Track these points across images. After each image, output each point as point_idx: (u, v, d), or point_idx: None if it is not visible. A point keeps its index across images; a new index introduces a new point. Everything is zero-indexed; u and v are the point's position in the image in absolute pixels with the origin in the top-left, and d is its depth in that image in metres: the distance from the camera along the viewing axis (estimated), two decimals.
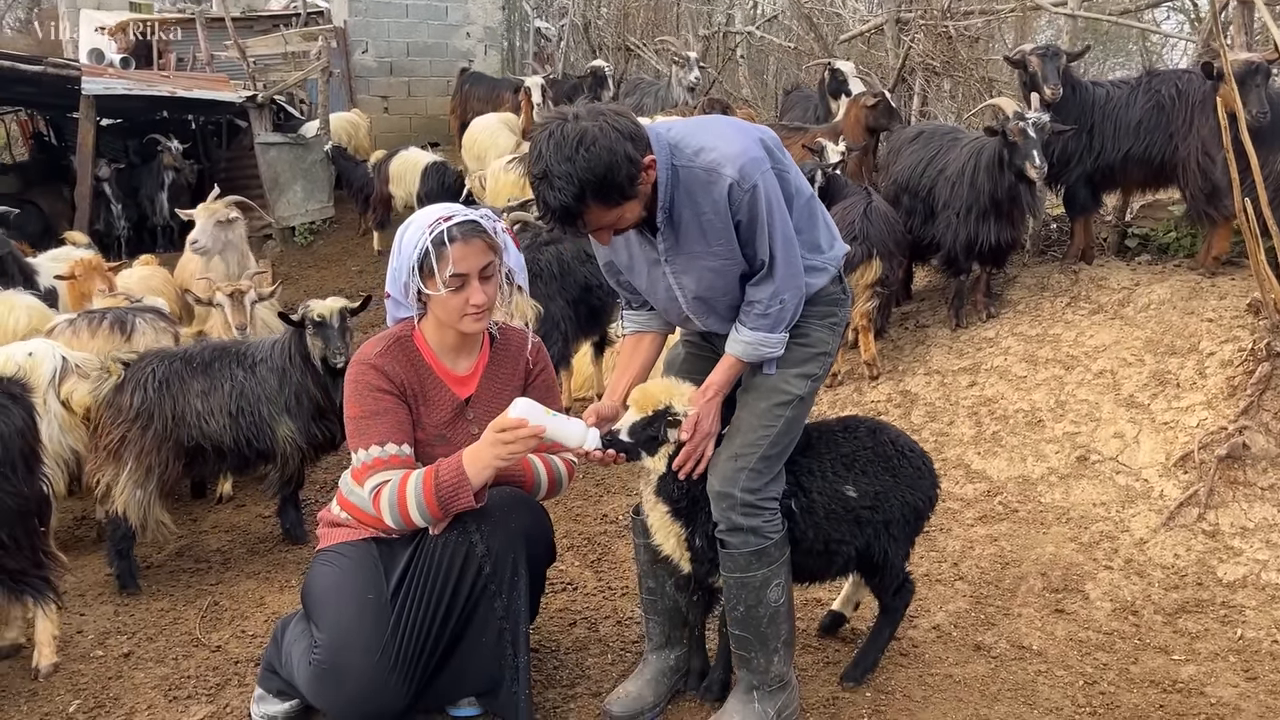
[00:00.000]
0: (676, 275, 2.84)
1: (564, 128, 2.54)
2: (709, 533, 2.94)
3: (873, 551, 3.12)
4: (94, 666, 3.69)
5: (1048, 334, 5.43)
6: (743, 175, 2.60)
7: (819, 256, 2.88)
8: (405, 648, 2.94)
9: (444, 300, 2.90)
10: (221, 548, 4.85)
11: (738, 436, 2.88)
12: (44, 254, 7.42)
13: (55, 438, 4.67)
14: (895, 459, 3.12)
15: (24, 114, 17.04)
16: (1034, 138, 5.10)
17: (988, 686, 3.29)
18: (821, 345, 2.92)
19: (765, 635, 2.95)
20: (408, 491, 2.82)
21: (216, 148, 14.02)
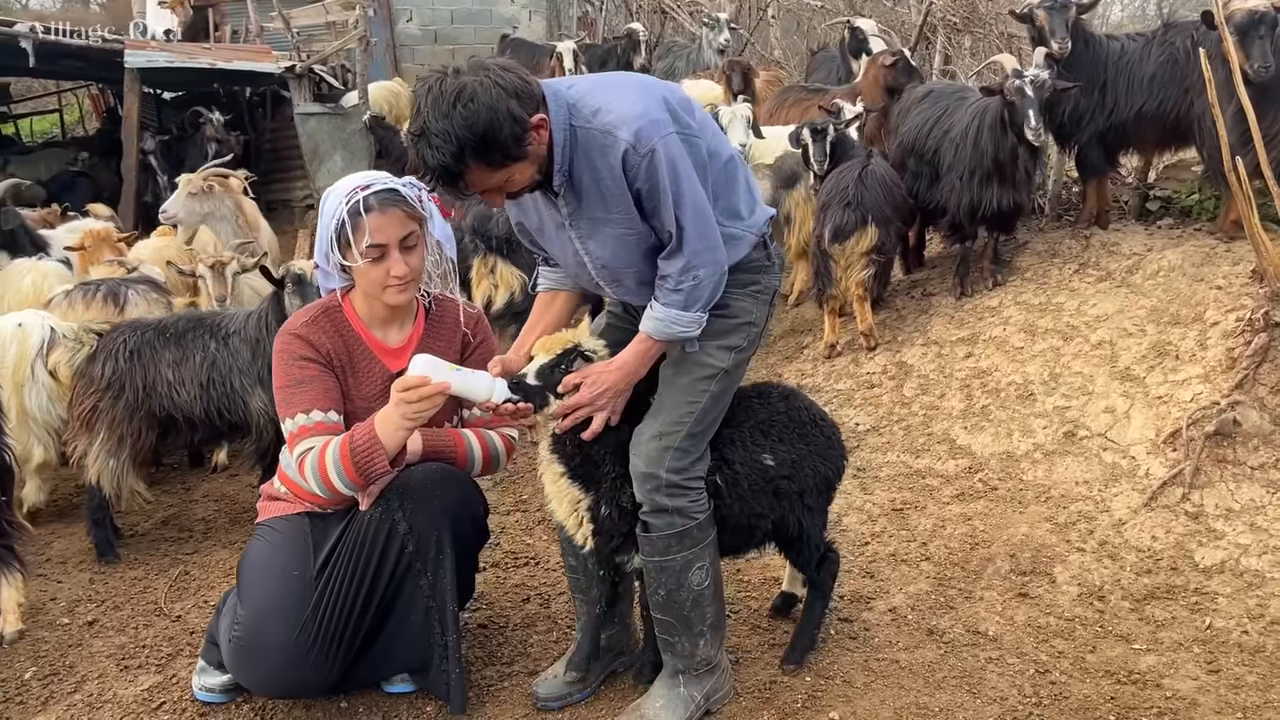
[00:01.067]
0: (582, 240, 2.69)
1: (443, 83, 2.39)
2: (619, 503, 2.80)
3: (788, 524, 3.00)
4: (58, 634, 3.75)
5: (1050, 303, 5.19)
6: (638, 139, 2.45)
7: (738, 223, 2.73)
8: (325, 626, 2.91)
9: (364, 271, 2.84)
10: (207, 517, 4.91)
11: (661, 415, 2.75)
12: (62, 225, 7.57)
13: (44, 407, 4.76)
14: (809, 426, 3.00)
15: (96, 89, 17.50)
16: (1031, 97, 4.84)
17: (933, 673, 3.16)
18: (744, 315, 2.77)
19: (689, 619, 2.85)
20: (327, 458, 2.78)
21: (262, 119, 14.17)
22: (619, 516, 2.82)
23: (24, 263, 6.19)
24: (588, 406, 2.70)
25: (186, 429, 4.45)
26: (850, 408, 5.17)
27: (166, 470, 5.49)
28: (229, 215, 6.91)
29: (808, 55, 10.79)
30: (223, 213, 6.81)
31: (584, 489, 2.83)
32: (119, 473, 4.32)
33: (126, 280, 5.52)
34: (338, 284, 3.05)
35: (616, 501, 2.81)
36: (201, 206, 6.54)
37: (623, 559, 2.90)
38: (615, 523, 2.83)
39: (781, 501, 2.96)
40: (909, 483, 4.42)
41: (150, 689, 3.32)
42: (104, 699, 3.28)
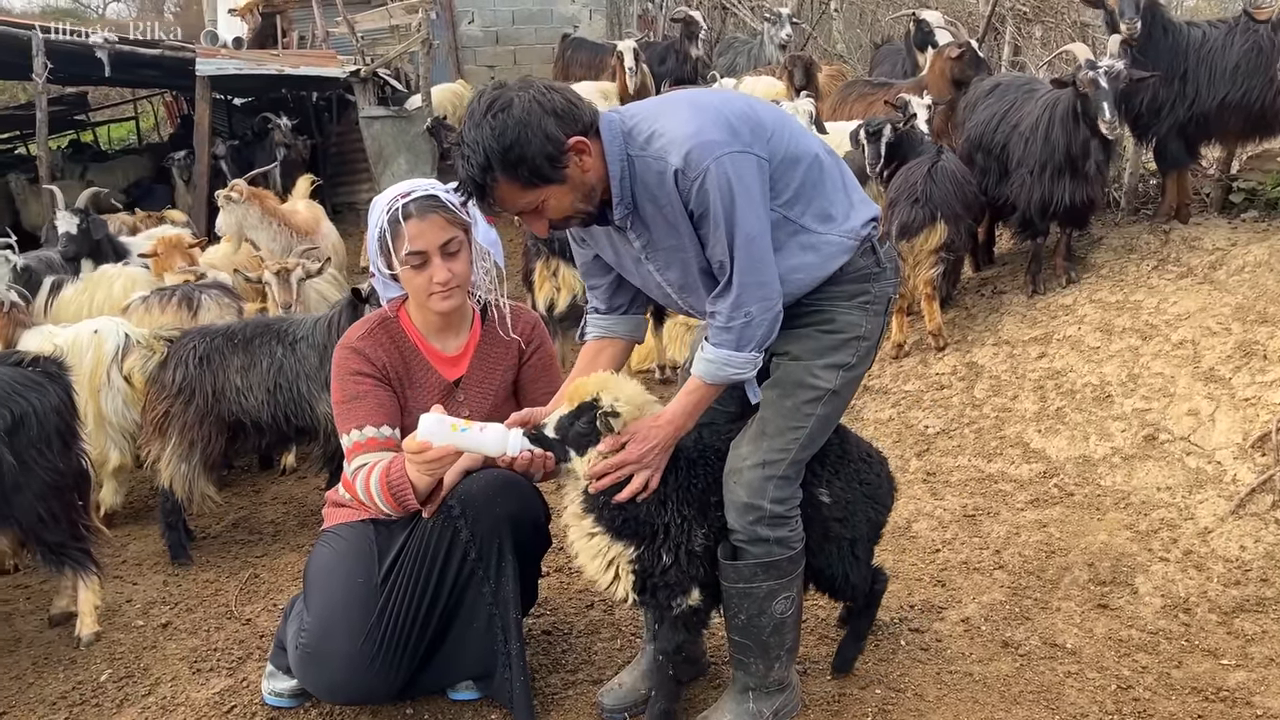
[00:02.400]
0: (661, 271, 2.60)
1: (484, 95, 2.36)
2: (689, 548, 2.63)
3: (832, 574, 2.84)
4: (133, 636, 3.82)
5: (1128, 301, 5.01)
6: (688, 162, 2.33)
7: (831, 227, 2.54)
8: (390, 633, 2.92)
9: (409, 279, 2.84)
10: (276, 519, 4.98)
11: (764, 440, 2.58)
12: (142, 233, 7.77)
13: (120, 411, 4.90)
14: (860, 463, 2.82)
15: (170, 96, 17.95)
16: (1105, 88, 4.66)
17: (1009, 687, 3.06)
18: (852, 329, 2.58)
19: (767, 644, 2.75)
20: (372, 481, 2.79)
21: (329, 123, 14.39)
22: (687, 562, 2.64)
23: (112, 269, 6.40)
24: (634, 464, 2.56)
25: (254, 433, 4.51)
26: (919, 409, 5.06)
27: (237, 473, 5.59)
28: (260, 222, 7.00)
29: (871, 49, 10.63)
30: (252, 221, 6.91)
31: (629, 542, 2.64)
32: (190, 477, 4.41)
33: (200, 285, 5.64)
34: (397, 292, 3.05)
35: (684, 547, 2.63)
36: (231, 217, 6.64)
37: (678, 601, 2.71)
38: (683, 571, 2.64)
39: (829, 545, 2.79)
40: (981, 488, 4.30)
41: (221, 692, 3.36)
42: (177, 702, 3.33)
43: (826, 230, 2.54)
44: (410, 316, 3.04)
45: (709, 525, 2.67)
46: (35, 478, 3.60)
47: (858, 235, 2.57)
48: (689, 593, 2.70)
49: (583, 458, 2.59)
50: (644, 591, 2.70)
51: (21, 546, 3.74)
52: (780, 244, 2.50)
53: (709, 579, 2.71)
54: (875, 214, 2.65)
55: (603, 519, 2.63)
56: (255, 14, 15.47)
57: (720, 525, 2.68)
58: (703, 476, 2.68)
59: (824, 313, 2.60)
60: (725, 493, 2.64)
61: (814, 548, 2.75)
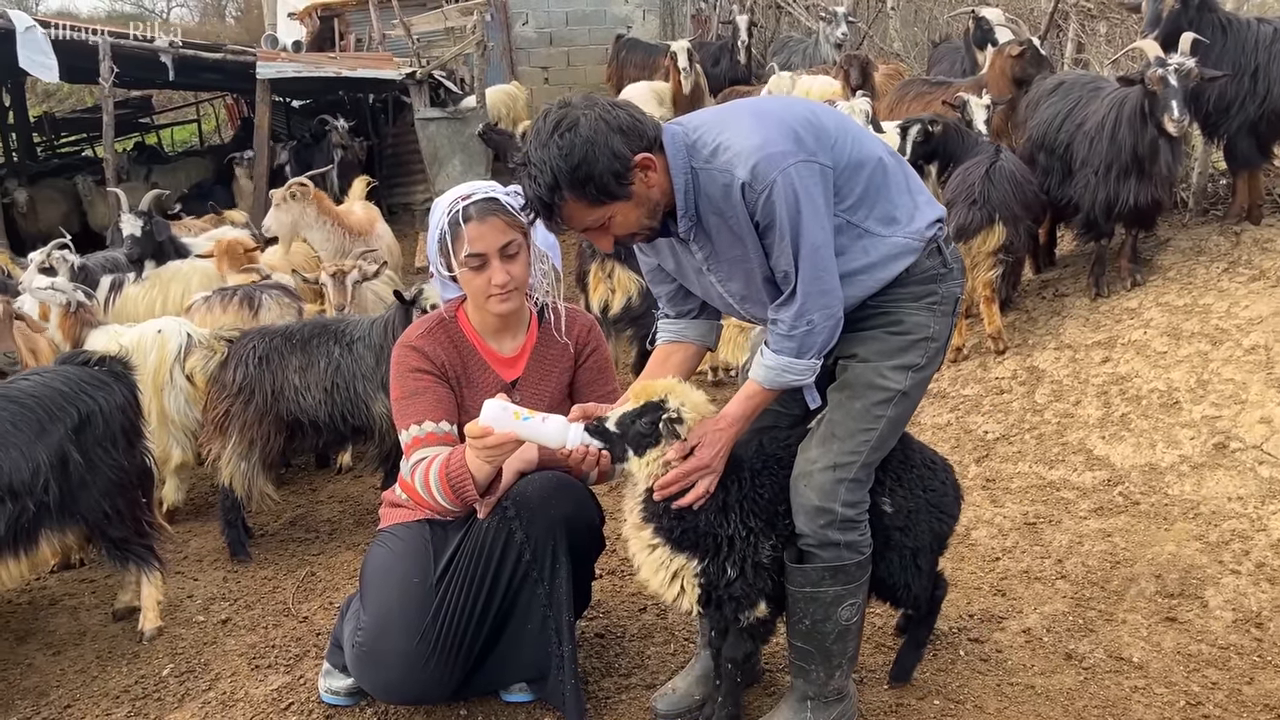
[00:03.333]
0: (723, 283, 2.60)
1: (549, 114, 2.37)
2: (756, 559, 2.59)
3: (894, 584, 2.79)
4: (194, 631, 3.89)
5: (1197, 304, 4.87)
6: (755, 175, 2.33)
7: (896, 229, 2.52)
8: (445, 633, 2.93)
9: (468, 280, 2.86)
10: (332, 518, 5.03)
11: (834, 443, 2.56)
12: (204, 234, 7.91)
13: (182, 410, 4.99)
14: (924, 470, 2.77)
15: (230, 98, 18.28)
16: (1175, 86, 4.53)
17: (1072, 701, 2.98)
18: (920, 330, 2.56)
19: (830, 651, 2.71)
20: (431, 474, 2.79)
21: (384, 125, 14.56)
22: (754, 575, 2.60)
23: (183, 265, 6.56)
24: (703, 470, 2.54)
25: (312, 433, 4.56)
26: (978, 414, 4.97)
27: (294, 471, 5.66)
28: (315, 222, 7.07)
29: (929, 47, 10.47)
30: (308, 220, 6.98)
31: (691, 555, 2.59)
32: (250, 475, 4.48)
33: (262, 286, 5.73)
34: (456, 293, 3.06)
35: (750, 559, 2.59)
36: (287, 217, 6.71)
37: (745, 615, 2.68)
38: (749, 584, 2.61)
39: (890, 554, 2.73)
40: (1042, 495, 4.20)
41: (279, 689, 3.40)
42: (236, 697, 3.38)
43: (891, 233, 2.52)
44: (468, 317, 3.05)
45: (776, 535, 2.63)
46: (101, 475, 3.68)
47: (923, 237, 2.55)
48: (756, 605, 2.66)
49: (640, 459, 2.56)
50: (709, 604, 2.66)
51: (87, 542, 3.81)
52: (844, 248, 2.48)
53: (776, 591, 2.68)
54: (940, 215, 2.61)
55: (662, 529, 2.59)
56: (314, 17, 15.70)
57: (787, 534, 2.65)
58: (768, 486, 2.64)
59: (891, 314, 2.57)
60: (794, 496, 2.62)
61: (875, 556, 2.70)
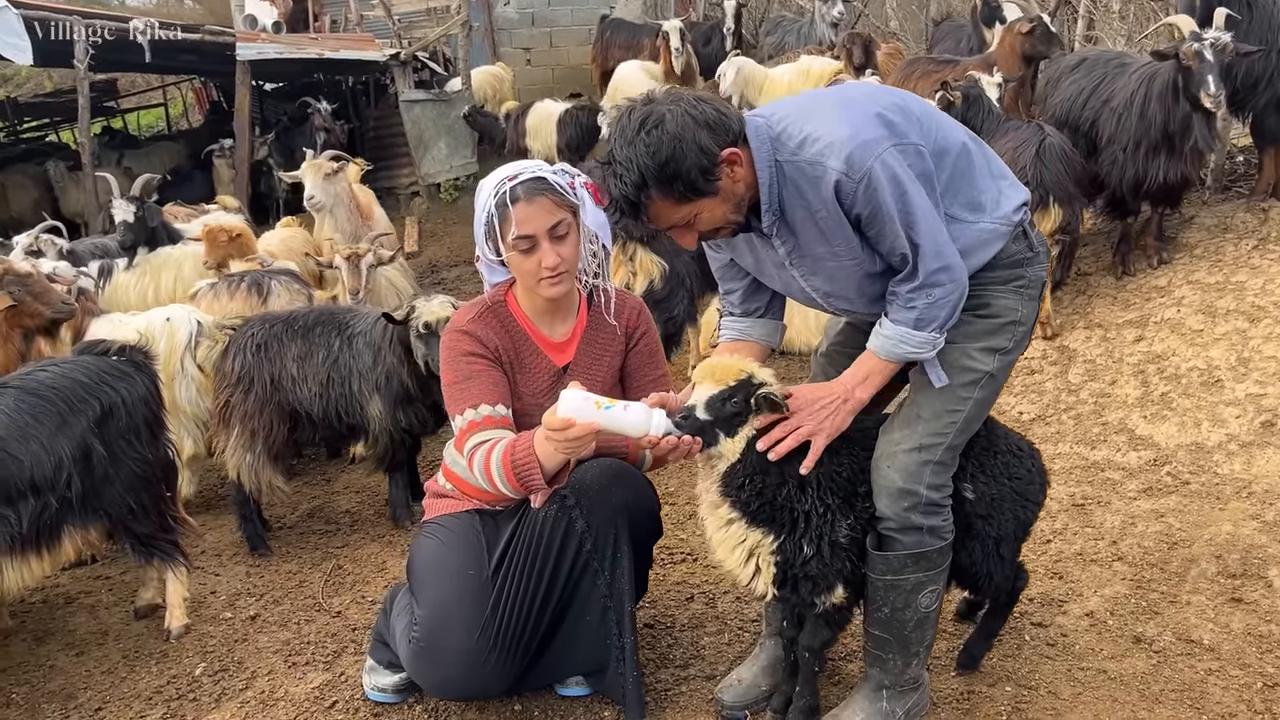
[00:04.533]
0: (806, 278, 2.55)
1: (634, 111, 2.31)
2: (832, 539, 2.53)
3: (976, 573, 2.73)
4: (222, 629, 3.76)
5: (1229, 282, 4.83)
6: (850, 166, 2.26)
7: (983, 216, 2.46)
8: (505, 627, 2.84)
9: (517, 264, 2.74)
10: (351, 509, 4.90)
11: (920, 424, 2.51)
12: (198, 219, 7.70)
13: (193, 400, 4.84)
14: (1009, 456, 2.69)
15: (198, 82, 17.89)
16: (1211, 61, 4.47)
17: (1148, 685, 2.93)
18: (1008, 314, 2.50)
19: (908, 639, 2.66)
20: (493, 460, 2.66)
21: (366, 107, 14.30)
22: (830, 555, 2.53)
23: (176, 250, 6.40)
24: (809, 426, 2.48)
25: (308, 426, 4.38)
26: (1010, 395, 4.91)
27: (305, 462, 5.51)
28: (346, 200, 6.93)
29: (928, 26, 10.41)
30: (344, 198, 6.83)
31: (767, 530, 2.53)
32: (256, 467, 4.31)
33: (270, 272, 5.56)
34: (503, 277, 2.94)
35: (827, 538, 2.53)
36: (333, 189, 6.54)
37: (821, 598, 2.61)
38: (825, 564, 2.54)
39: (972, 544, 2.66)
40: (1087, 476, 4.15)
41: (321, 687, 3.29)
42: (276, 696, 3.26)
43: (977, 219, 2.47)
44: (517, 301, 2.93)
45: (854, 516, 2.55)
46: (124, 469, 3.55)
47: (1010, 221, 2.49)
48: (833, 589, 2.58)
49: (732, 439, 2.48)
50: (784, 585, 2.59)
51: (110, 538, 3.66)
52: None
53: (854, 575, 2.60)
54: (1025, 198, 2.55)
55: (739, 504, 2.52)
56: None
57: (866, 518, 2.57)
58: (846, 465, 2.57)
59: (979, 298, 2.51)
60: (876, 478, 2.55)
61: (956, 544, 2.63)
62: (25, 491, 3.29)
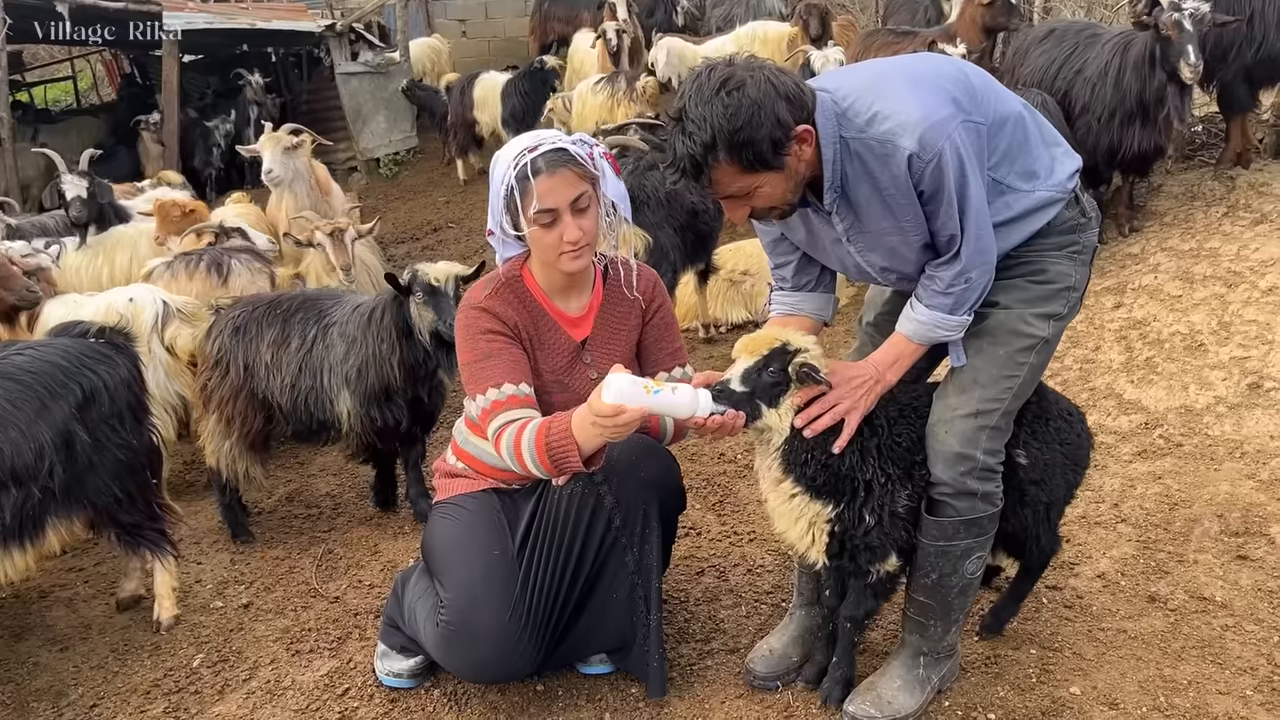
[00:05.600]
0: (863, 253, 2.52)
1: (715, 70, 2.25)
2: (892, 508, 2.52)
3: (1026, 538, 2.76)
4: (214, 618, 3.63)
5: (1203, 248, 4.94)
6: (923, 145, 2.24)
7: (1037, 184, 2.45)
8: (535, 606, 2.78)
9: (537, 238, 2.63)
10: (331, 492, 4.77)
11: (976, 390, 2.50)
12: (140, 196, 7.40)
13: (162, 384, 4.65)
14: (1061, 421, 2.70)
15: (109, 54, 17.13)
16: (1190, 31, 4.54)
17: (1168, 643, 2.98)
18: (1063, 280, 2.50)
19: (951, 605, 2.66)
20: (523, 442, 2.57)
21: (298, 80, 13.87)
22: (890, 524, 2.53)
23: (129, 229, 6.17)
24: (846, 404, 2.48)
25: (281, 418, 4.11)
26: None
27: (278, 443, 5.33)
28: (305, 175, 6.72)
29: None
30: (304, 173, 6.62)
31: (828, 500, 2.52)
32: (232, 455, 4.12)
33: (230, 250, 5.35)
34: (516, 251, 2.85)
35: (887, 508, 2.52)
36: (292, 163, 6.32)
37: (876, 567, 2.61)
38: (885, 533, 2.53)
39: (1024, 510, 2.68)
40: None
41: (330, 674, 3.19)
42: (283, 685, 3.16)
43: (1032, 188, 2.47)
44: (535, 276, 2.84)
45: (913, 486, 2.55)
46: (109, 456, 3.39)
47: (1064, 189, 2.50)
48: (888, 558, 2.59)
49: (776, 409, 2.45)
50: (840, 555, 2.58)
51: (95, 529, 3.49)
52: (989, 204, 2.41)
53: (909, 544, 2.60)
54: (1078, 165, 2.56)
55: (803, 478, 2.50)
56: None
57: (924, 487, 2.57)
58: (906, 434, 2.56)
59: (1034, 264, 2.52)
60: (933, 443, 2.55)
61: (1007, 511, 2.64)
62: (6, 481, 3.12)
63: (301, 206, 6.16)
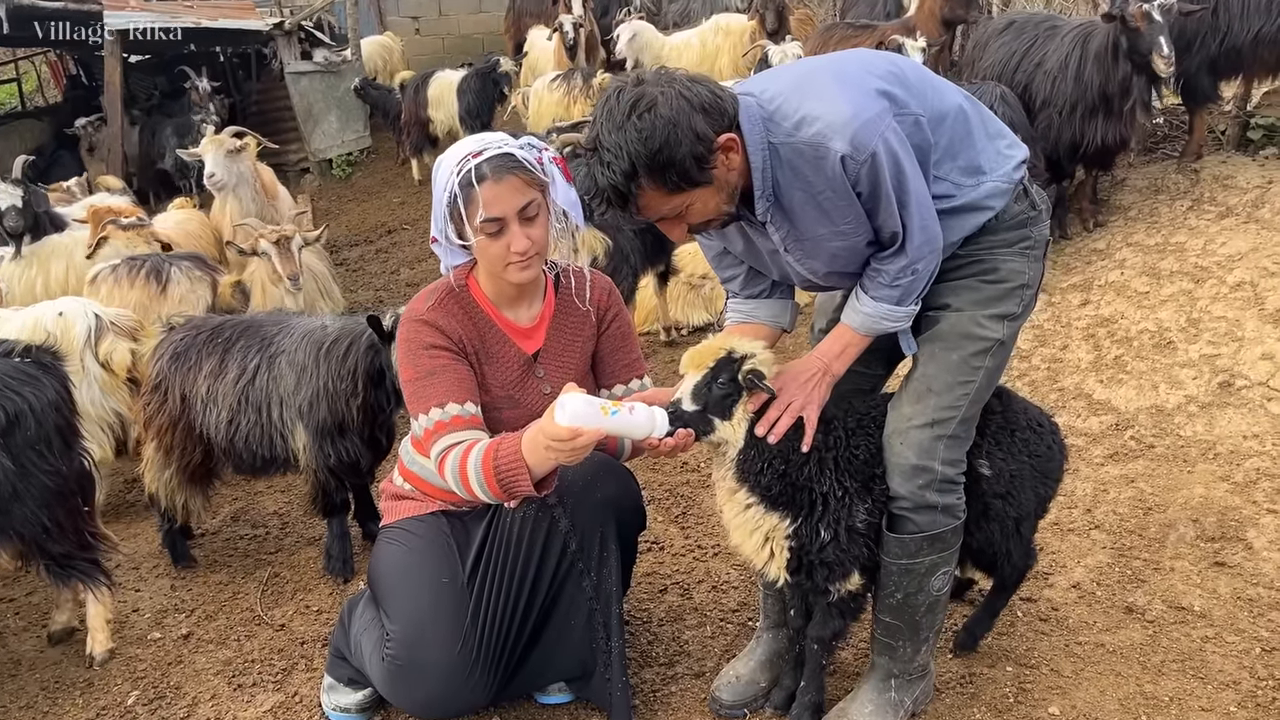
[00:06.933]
0: (803, 261, 2.40)
1: (623, 93, 2.12)
2: (849, 523, 2.41)
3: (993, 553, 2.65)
4: (152, 651, 3.44)
5: (1169, 243, 4.87)
6: (855, 146, 2.12)
7: (983, 179, 2.34)
8: (487, 638, 2.64)
9: (483, 247, 2.46)
10: (278, 510, 4.57)
11: (931, 398, 2.40)
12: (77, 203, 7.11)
13: (97, 401, 4.41)
14: (1029, 431, 2.60)
15: (54, 54, 16.67)
16: (1160, 22, 4.46)
17: (1147, 657, 2.89)
18: (1016, 277, 2.40)
19: (919, 625, 2.55)
20: (469, 466, 2.41)
21: (246, 80, 13.54)
22: (847, 540, 2.41)
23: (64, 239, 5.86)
24: (800, 400, 2.37)
25: (220, 454, 3.77)
26: None
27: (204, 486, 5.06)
28: (250, 179, 6.50)
29: None
30: (248, 176, 6.40)
31: (784, 514, 2.42)
32: (171, 485, 3.85)
33: (171, 257, 5.14)
34: (462, 260, 2.68)
35: (844, 523, 2.40)
36: (236, 166, 6.10)
37: (836, 585, 2.49)
38: (843, 549, 2.42)
39: (990, 525, 2.57)
40: None
41: (274, 710, 3.03)
42: None
43: (978, 183, 2.35)
44: (481, 285, 2.68)
45: (872, 500, 2.43)
46: (36, 483, 3.19)
47: (1011, 179, 2.38)
48: (849, 576, 2.47)
49: (729, 421, 2.35)
50: (799, 572, 2.47)
51: (23, 560, 3.28)
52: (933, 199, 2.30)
53: (870, 562, 2.48)
54: (1024, 156, 2.44)
55: (758, 489, 2.39)
56: None
57: (883, 502, 2.45)
58: (863, 446, 2.45)
59: (985, 262, 2.41)
60: (889, 456, 2.44)
61: (971, 525, 2.53)
62: None
63: (246, 212, 5.94)
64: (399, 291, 7.77)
